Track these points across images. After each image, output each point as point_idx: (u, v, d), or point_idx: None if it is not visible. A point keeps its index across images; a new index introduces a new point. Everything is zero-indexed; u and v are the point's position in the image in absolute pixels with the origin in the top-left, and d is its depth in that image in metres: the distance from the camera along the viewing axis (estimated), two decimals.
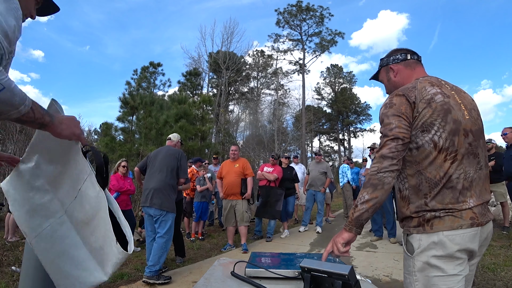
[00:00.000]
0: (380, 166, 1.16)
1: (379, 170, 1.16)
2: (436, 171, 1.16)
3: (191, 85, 18.65)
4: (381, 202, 1.17)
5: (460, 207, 1.13)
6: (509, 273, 3.32)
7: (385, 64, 1.46)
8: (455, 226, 1.11)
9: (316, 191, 6.49)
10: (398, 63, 1.42)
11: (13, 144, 9.52)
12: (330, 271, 0.99)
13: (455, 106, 1.20)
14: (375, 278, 3.43)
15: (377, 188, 1.15)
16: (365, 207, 1.16)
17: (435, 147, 1.16)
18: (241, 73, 24.80)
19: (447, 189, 1.14)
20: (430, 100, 1.19)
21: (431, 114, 1.17)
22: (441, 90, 1.23)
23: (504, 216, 5.48)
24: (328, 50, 26.85)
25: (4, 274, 3.34)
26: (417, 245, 1.16)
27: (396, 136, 1.17)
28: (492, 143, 5.69)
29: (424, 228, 1.15)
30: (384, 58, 1.48)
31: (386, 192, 1.16)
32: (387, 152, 1.17)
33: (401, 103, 1.21)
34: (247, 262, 1.27)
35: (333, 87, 33.99)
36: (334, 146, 35.49)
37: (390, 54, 1.47)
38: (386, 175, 1.15)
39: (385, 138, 1.19)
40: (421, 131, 1.18)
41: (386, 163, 1.16)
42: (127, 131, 11.76)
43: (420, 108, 1.19)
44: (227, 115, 21.45)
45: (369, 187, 1.17)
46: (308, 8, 25.47)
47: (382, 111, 1.27)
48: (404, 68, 1.41)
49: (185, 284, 3.26)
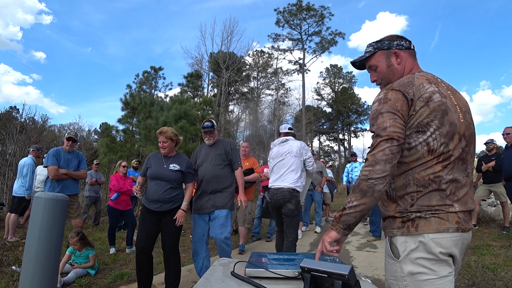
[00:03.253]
0: (371, 170, 1.07)
1: (370, 176, 1.07)
2: (425, 173, 1.09)
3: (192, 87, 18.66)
4: (369, 208, 1.10)
5: (447, 209, 1.08)
6: (509, 273, 3.31)
7: (385, 47, 1.28)
8: (441, 229, 1.06)
9: (313, 190, 6.49)
10: (402, 49, 1.28)
11: (13, 144, 9.52)
12: (330, 271, 0.99)
13: (451, 108, 1.12)
14: (375, 278, 3.43)
15: (366, 195, 1.08)
16: (352, 211, 1.10)
17: (429, 149, 1.09)
18: (241, 73, 24.80)
19: (435, 192, 1.08)
20: (428, 99, 1.10)
21: (428, 114, 1.09)
22: (438, 89, 1.14)
23: (504, 216, 5.48)
24: (328, 50, 26.87)
25: (4, 274, 3.34)
26: (402, 248, 1.09)
27: (390, 136, 1.07)
28: (494, 144, 5.69)
29: (408, 229, 1.09)
30: (383, 40, 1.30)
31: (376, 199, 1.09)
32: (381, 155, 1.07)
33: (397, 99, 1.11)
34: (247, 262, 1.27)
35: (333, 87, 34.01)
36: (334, 146, 35.52)
37: (391, 38, 1.30)
38: (377, 182, 1.06)
39: (379, 138, 1.09)
40: (416, 132, 1.10)
41: (378, 168, 1.06)
42: (127, 132, 11.77)
43: (418, 107, 1.10)
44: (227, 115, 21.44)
45: (358, 193, 1.09)
46: (309, 7, 25.46)
47: (376, 107, 1.15)
48: (408, 57, 1.28)
49: (185, 284, 3.26)
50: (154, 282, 3.31)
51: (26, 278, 2.11)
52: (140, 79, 24.25)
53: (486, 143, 5.77)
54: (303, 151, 3.32)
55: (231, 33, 22.22)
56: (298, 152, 3.28)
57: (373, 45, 1.32)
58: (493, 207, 6.87)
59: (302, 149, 3.31)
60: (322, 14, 25.71)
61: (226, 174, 3.18)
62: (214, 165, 3.15)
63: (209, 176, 3.13)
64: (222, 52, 21.89)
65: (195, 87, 18.78)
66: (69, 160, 3.90)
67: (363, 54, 1.35)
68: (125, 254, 4.57)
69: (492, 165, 5.39)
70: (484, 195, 5.74)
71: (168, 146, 3.00)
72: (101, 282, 3.32)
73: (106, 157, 10.75)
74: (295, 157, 3.26)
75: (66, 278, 3.20)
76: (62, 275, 3.21)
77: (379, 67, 1.30)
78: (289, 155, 3.29)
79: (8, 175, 8.56)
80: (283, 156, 3.31)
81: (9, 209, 5.47)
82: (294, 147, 3.31)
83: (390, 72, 1.28)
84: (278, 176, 3.27)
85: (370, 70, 1.35)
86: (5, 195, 8.29)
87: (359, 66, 1.39)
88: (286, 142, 3.40)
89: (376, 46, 1.31)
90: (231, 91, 26.55)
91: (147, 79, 24.29)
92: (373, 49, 1.31)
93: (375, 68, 1.32)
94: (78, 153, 4.13)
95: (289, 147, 3.33)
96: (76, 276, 3.32)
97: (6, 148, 10.07)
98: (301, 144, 3.36)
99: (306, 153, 3.34)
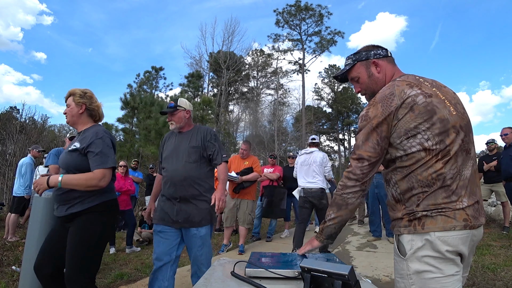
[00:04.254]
0: (344, 186, 1.20)
1: (343, 191, 1.20)
2: (427, 173, 1.10)
3: (193, 87, 18.69)
4: (346, 219, 1.24)
5: (453, 207, 1.08)
6: (509, 273, 3.31)
7: (363, 59, 1.32)
8: (448, 227, 1.06)
9: None
10: (380, 58, 1.30)
11: (13, 144, 9.52)
12: (330, 271, 0.99)
13: (439, 105, 1.12)
14: (375, 278, 3.43)
15: (341, 208, 1.21)
16: (332, 223, 1.24)
17: (425, 150, 1.10)
18: (241, 73, 24.81)
19: (440, 189, 1.09)
20: (411, 103, 1.11)
21: (414, 118, 1.10)
22: (422, 90, 1.14)
23: (505, 216, 5.48)
24: (328, 49, 26.87)
25: (4, 274, 3.34)
26: (409, 247, 1.11)
27: (361, 156, 1.17)
28: (495, 144, 5.70)
29: (415, 228, 1.10)
30: (360, 52, 1.34)
31: (351, 211, 1.22)
32: (352, 173, 1.18)
33: (376, 116, 1.15)
34: (247, 262, 1.27)
35: (333, 87, 34.01)
36: (334, 146, 35.53)
37: (367, 48, 1.34)
38: (349, 196, 1.19)
39: (352, 156, 1.20)
40: (406, 138, 1.11)
41: (349, 184, 1.18)
42: (127, 132, 11.77)
43: (400, 115, 1.11)
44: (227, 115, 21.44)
45: (334, 206, 1.23)
46: (307, 7, 25.46)
47: (359, 123, 1.21)
48: (387, 64, 1.31)
49: (185, 284, 3.26)
50: None
51: (26, 278, 2.11)
52: (141, 79, 24.28)
53: (487, 143, 5.77)
54: (324, 161, 4.30)
55: (232, 33, 22.25)
56: (320, 162, 4.25)
57: (351, 57, 1.36)
58: (493, 207, 6.87)
59: (323, 159, 4.30)
60: (321, 14, 25.71)
61: (203, 174, 2.32)
62: (187, 162, 2.28)
63: (179, 177, 2.25)
64: (222, 52, 21.89)
65: (195, 87, 18.81)
66: None
67: (344, 68, 1.38)
68: (125, 254, 4.57)
69: (494, 164, 5.40)
70: (485, 195, 5.74)
71: (69, 113, 1.91)
72: (101, 282, 3.32)
73: None
74: (319, 166, 4.22)
75: None
76: None
77: (360, 78, 1.33)
78: (314, 163, 4.23)
79: (8, 175, 8.56)
80: (310, 164, 4.26)
81: (9, 209, 5.48)
82: (318, 158, 4.28)
83: (372, 81, 1.31)
84: (309, 180, 4.22)
85: (353, 82, 1.38)
86: (5, 195, 8.29)
87: (341, 79, 1.44)
88: (312, 153, 4.34)
89: (354, 58, 1.34)
90: (231, 91, 26.56)
91: (148, 79, 24.30)
92: (352, 61, 1.35)
93: (357, 79, 1.35)
94: None
95: (314, 157, 4.28)
96: None
97: (6, 148, 10.06)
98: (323, 156, 4.34)
99: (326, 163, 4.33)
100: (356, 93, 1.40)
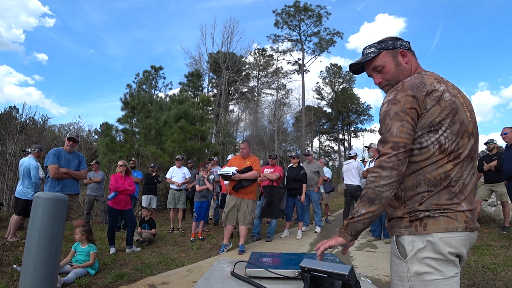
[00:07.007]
0: (378, 177, 1.07)
1: (376, 183, 1.07)
2: (437, 172, 1.08)
3: (192, 86, 18.68)
4: (378, 215, 1.10)
5: (455, 208, 1.07)
6: (509, 273, 3.31)
7: (390, 47, 1.26)
8: (450, 228, 1.04)
9: (310, 190, 6.50)
10: (406, 49, 1.26)
11: (13, 144, 9.52)
12: (330, 271, 0.99)
13: (460, 107, 1.12)
14: (375, 278, 3.43)
15: (374, 202, 1.08)
16: (361, 219, 1.10)
17: (440, 148, 1.07)
18: (241, 73, 24.79)
19: (444, 190, 1.08)
20: (439, 98, 1.09)
21: (439, 113, 1.07)
22: (447, 88, 1.13)
23: (505, 216, 5.47)
24: (327, 50, 26.84)
25: (4, 274, 3.34)
26: (409, 248, 1.08)
27: (397, 143, 1.06)
28: (494, 143, 5.70)
29: (416, 228, 1.07)
30: (386, 41, 1.28)
31: (384, 206, 1.09)
32: (387, 162, 1.06)
33: (406, 101, 1.08)
34: (247, 262, 1.27)
35: (333, 86, 34.01)
36: (334, 146, 35.52)
37: (393, 38, 1.28)
38: (384, 189, 1.06)
39: (386, 145, 1.08)
40: (428, 132, 1.08)
41: (385, 175, 1.06)
42: (127, 132, 11.76)
43: (429, 106, 1.08)
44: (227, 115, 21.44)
45: (365, 201, 1.09)
46: (306, 8, 25.43)
47: (385, 108, 1.12)
48: (412, 57, 1.27)
49: (185, 284, 3.26)
50: (154, 282, 3.32)
51: (26, 278, 2.11)
52: (140, 78, 24.26)
53: (486, 143, 5.77)
54: (358, 168, 6.16)
55: (231, 33, 22.21)
56: (355, 168, 6.17)
57: (375, 45, 1.29)
58: (493, 207, 6.87)
59: (358, 167, 6.18)
60: (320, 14, 25.67)
61: None
62: None
63: None
64: (222, 52, 21.88)
65: (195, 86, 18.80)
66: (69, 160, 3.90)
67: (365, 56, 1.29)
68: (125, 254, 4.57)
69: (495, 164, 5.39)
70: (485, 195, 5.73)
71: None
72: (101, 282, 3.32)
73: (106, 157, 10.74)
74: (355, 170, 6.14)
75: (66, 278, 3.19)
76: (62, 275, 3.21)
77: (386, 67, 1.26)
78: (353, 169, 6.17)
79: (8, 175, 8.55)
80: (350, 170, 6.19)
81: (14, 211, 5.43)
82: (354, 166, 6.23)
83: (399, 71, 1.25)
84: (351, 181, 6.14)
85: (373, 72, 1.30)
86: (5, 195, 8.28)
87: (356, 70, 1.35)
88: (350, 162, 6.36)
89: (380, 47, 1.27)
90: (231, 91, 26.54)
91: (147, 78, 24.28)
92: (376, 49, 1.27)
93: (381, 69, 1.27)
94: (78, 153, 4.12)
95: (352, 165, 6.24)
96: (76, 276, 3.32)
97: (6, 148, 10.06)
98: (358, 164, 6.25)
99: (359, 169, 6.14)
100: (376, 84, 1.30)
